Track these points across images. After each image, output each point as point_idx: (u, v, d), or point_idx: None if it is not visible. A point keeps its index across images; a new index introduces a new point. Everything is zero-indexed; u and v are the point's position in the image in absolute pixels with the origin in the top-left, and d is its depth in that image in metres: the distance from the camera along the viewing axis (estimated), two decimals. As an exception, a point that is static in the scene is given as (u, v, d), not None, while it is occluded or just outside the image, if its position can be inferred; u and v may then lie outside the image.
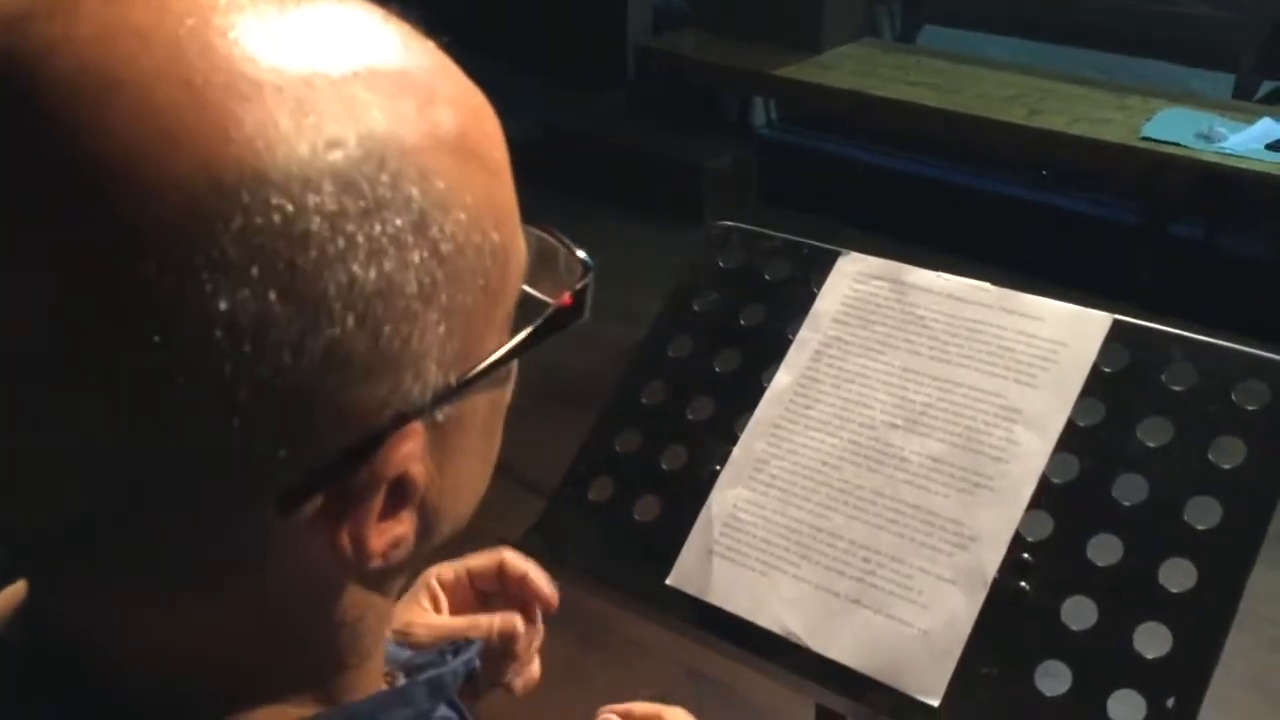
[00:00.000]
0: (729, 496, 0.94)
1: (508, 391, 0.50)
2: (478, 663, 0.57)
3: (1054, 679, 0.80)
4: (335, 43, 0.40)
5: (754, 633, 0.89)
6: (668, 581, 0.93)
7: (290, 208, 0.36)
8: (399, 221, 0.38)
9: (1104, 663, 0.79)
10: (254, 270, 0.35)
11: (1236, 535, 0.79)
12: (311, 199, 0.36)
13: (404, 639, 0.74)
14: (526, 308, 0.48)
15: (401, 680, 0.54)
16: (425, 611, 0.79)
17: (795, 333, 0.99)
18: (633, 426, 1.02)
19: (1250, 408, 0.82)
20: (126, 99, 0.35)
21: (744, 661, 0.90)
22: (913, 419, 0.91)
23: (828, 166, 4.14)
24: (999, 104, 3.37)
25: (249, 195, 0.35)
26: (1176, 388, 0.86)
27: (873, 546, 0.88)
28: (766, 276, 1.04)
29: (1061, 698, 0.79)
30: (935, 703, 0.81)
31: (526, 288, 0.47)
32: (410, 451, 0.41)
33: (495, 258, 0.43)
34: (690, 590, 0.92)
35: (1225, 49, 3.57)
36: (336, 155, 0.37)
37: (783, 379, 0.98)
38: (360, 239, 0.37)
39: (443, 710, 0.54)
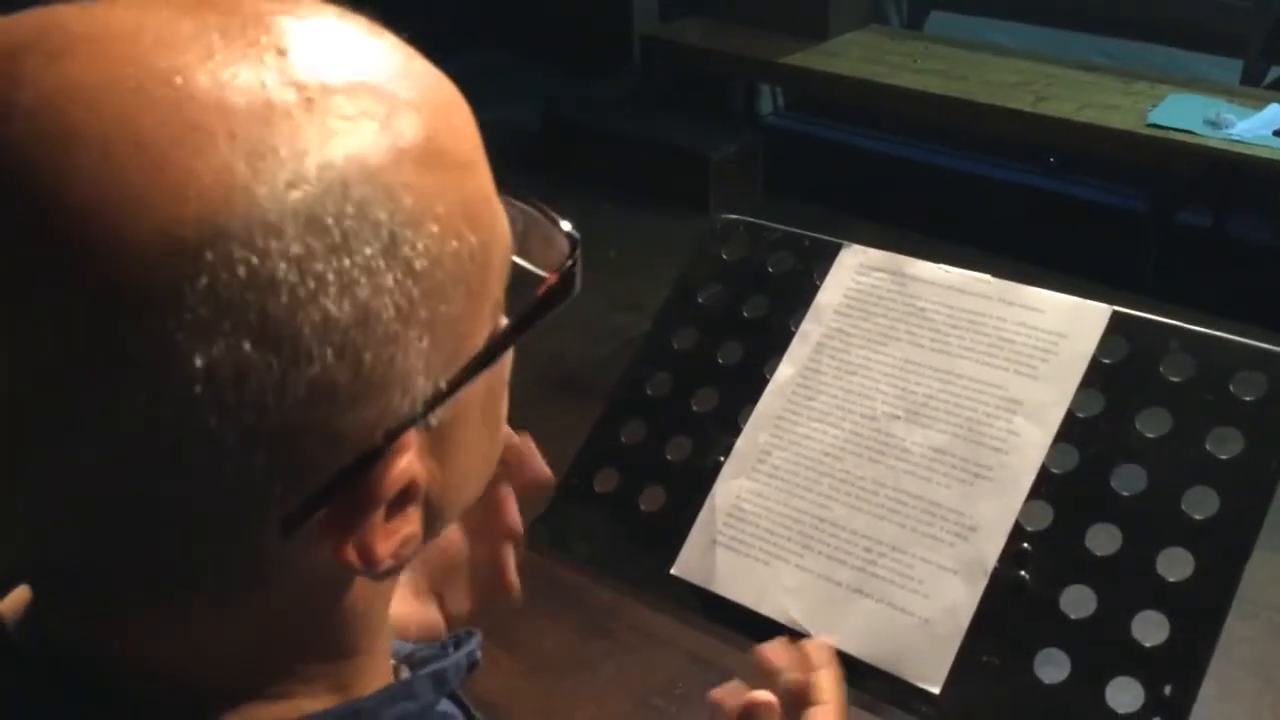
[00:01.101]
0: (732, 487, 0.95)
1: (505, 372, 0.50)
2: (479, 654, 0.57)
3: (1053, 667, 0.81)
4: (287, 70, 0.39)
5: (758, 621, 0.90)
6: (672, 571, 0.94)
7: (255, 259, 0.36)
8: (368, 250, 0.38)
9: (1103, 651, 0.80)
10: (225, 324, 0.35)
11: (1234, 525, 0.80)
12: (275, 245, 0.36)
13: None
14: (519, 285, 0.48)
15: (406, 674, 0.55)
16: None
17: (798, 325, 1.00)
18: (638, 418, 1.03)
19: (1248, 398, 0.83)
20: (79, 165, 0.35)
21: (748, 650, 0.92)
22: (914, 410, 0.92)
23: (834, 154, 4.14)
24: (1006, 91, 3.36)
25: (212, 253, 0.35)
26: (1175, 379, 0.86)
27: (874, 536, 0.89)
28: (769, 269, 1.05)
29: (1061, 685, 0.80)
30: (936, 690, 0.82)
31: (517, 259, 0.48)
32: (408, 461, 0.42)
33: (474, 259, 0.43)
34: (694, 580, 0.93)
35: (1233, 34, 3.56)
36: (297, 195, 0.37)
37: (785, 371, 0.99)
38: (330, 276, 0.37)
39: (444, 705, 0.55)
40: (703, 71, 4.09)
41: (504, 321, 0.47)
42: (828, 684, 0.76)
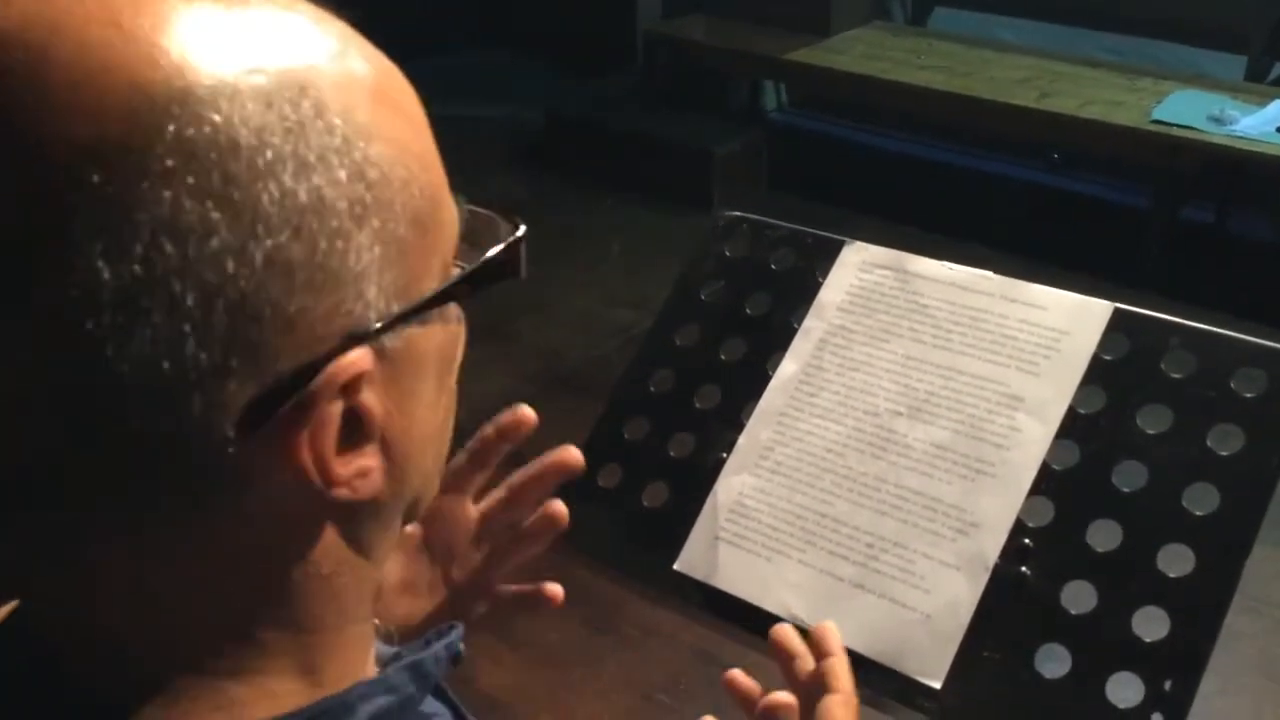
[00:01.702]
0: (735, 483, 0.96)
1: (457, 337, 0.51)
2: (461, 646, 0.57)
3: (1054, 662, 0.81)
4: (253, 6, 0.43)
5: (760, 616, 0.90)
6: (675, 566, 0.95)
7: (218, 119, 0.39)
8: (323, 141, 0.41)
9: (1103, 646, 0.80)
10: (190, 178, 0.38)
11: (1234, 521, 0.81)
12: (238, 112, 0.39)
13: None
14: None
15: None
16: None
17: (800, 321, 1.01)
18: (641, 414, 1.03)
19: (1248, 395, 0.84)
20: (66, 40, 0.39)
21: (750, 645, 0.92)
22: (916, 406, 0.93)
23: (837, 151, 4.14)
24: (1010, 87, 3.36)
25: (179, 108, 0.38)
26: (1176, 375, 0.87)
27: (876, 532, 0.89)
28: (772, 266, 1.05)
29: (1061, 680, 0.81)
30: (938, 685, 0.83)
31: (460, 264, 0.49)
32: (359, 374, 0.42)
33: (425, 195, 0.45)
34: (697, 575, 0.94)
35: (1237, 31, 3.55)
36: (259, 79, 0.40)
37: (788, 367, 0.99)
38: (287, 153, 0.40)
39: (431, 704, 0.54)
40: (706, 68, 4.09)
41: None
42: (843, 670, 0.77)
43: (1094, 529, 0.84)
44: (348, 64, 0.44)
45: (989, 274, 0.96)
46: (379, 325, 0.43)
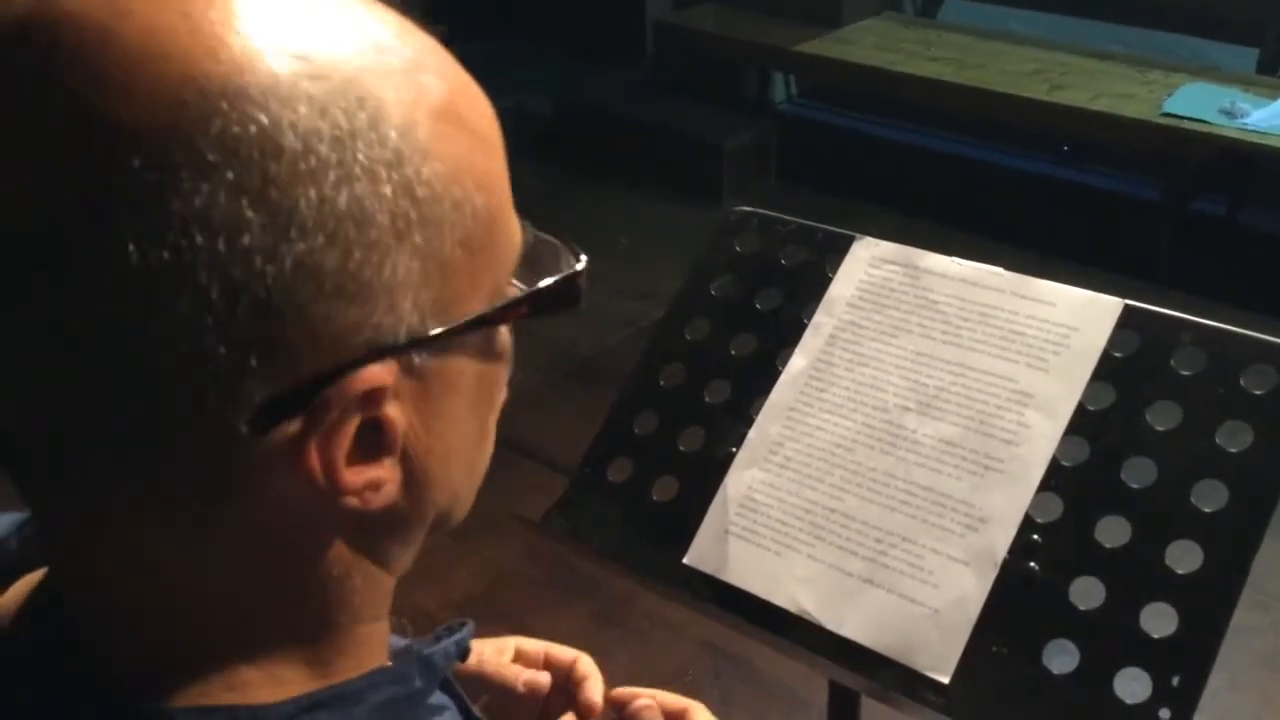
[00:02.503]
0: (745, 478, 0.96)
1: (500, 372, 0.51)
2: (470, 643, 0.57)
3: (1062, 657, 0.82)
4: (334, 9, 0.43)
5: (769, 611, 0.91)
6: (685, 561, 0.95)
7: (266, 120, 0.39)
8: (373, 153, 0.41)
9: (1111, 642, 0.81)
10: (229, 174, 0.38)
11: (1242, 518, 0.81)
12: (287, 116, 0.39)
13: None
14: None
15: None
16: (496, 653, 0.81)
17: (810, 317, 1.01)
18: (651, 408, 1.04)
19: (1257, 392, 0.84)
20: (133, 22, 0.39)
21: (759, 639, 0.93)
22: (925, 402, 0.93)
23: (847, 142, 4.13)
24: (1020, 79, 3.35)
25: (228, 104, 0.39)
26: (1185, 372, 0.87)
27: (885, 527, 0.90)
28: (782, 261, 1.05)
29: (1069, 676, 0.81)
30: (946, 680, 0.83)
31: (517, 283, 0.49)
32: (382, 386, 0.42)
33: (477, 218, 0.45)
34: (707, 569, 0.94)
35: (1249, 23, 3.54)
36: (318, 86, 0.40)
37: (798, 362, 0.99)
38: (333, 161, 0.40)
39: (438, 697, 0.54)
40: (716, 59, 4.09)
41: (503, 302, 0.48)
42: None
43: (1103, 525, 0.84)
44: (418, 78, 0.44)
45: (999, 270, 0.96)
46: (408, 341, 0.43)
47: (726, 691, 2.03)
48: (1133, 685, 0.79)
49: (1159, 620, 0.80)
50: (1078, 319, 0.91)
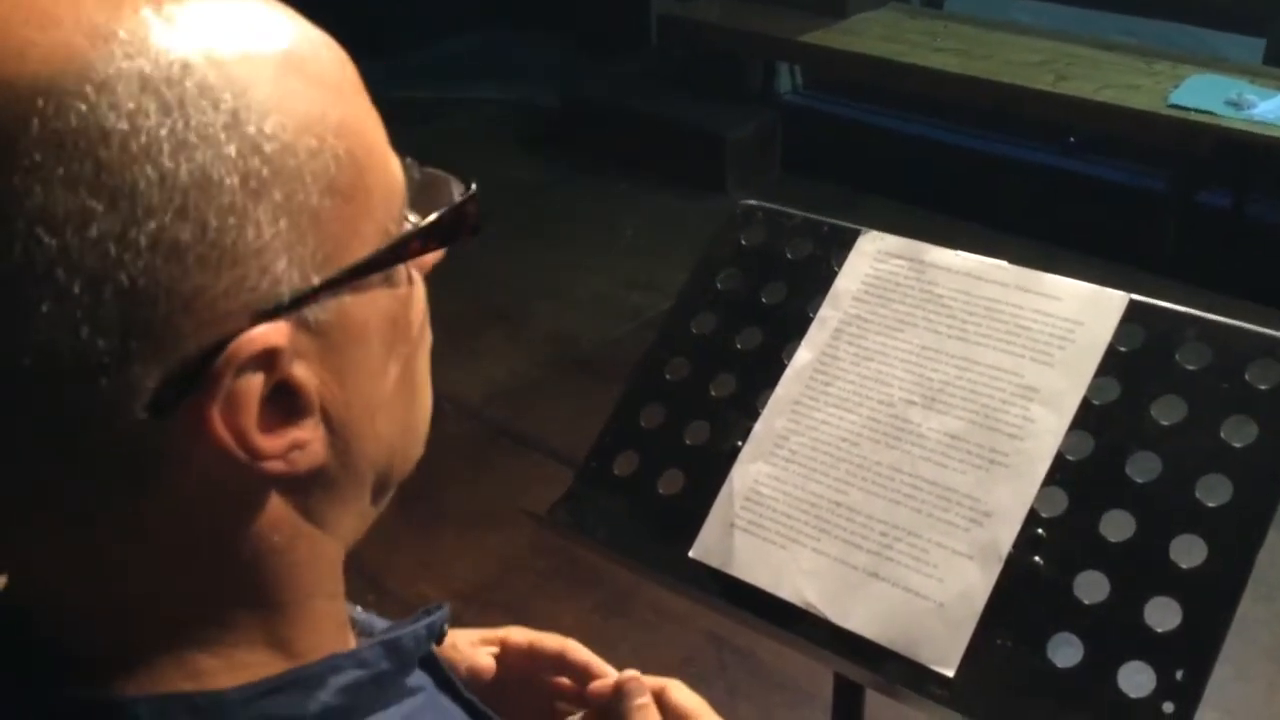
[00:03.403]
0: (750, 471, 0.96)
1: (410, 313, 0.50)
2: (445, 627, 0.57)
3: (1066, 651, 0.82)
4: None
5: (774, 604, 0.91)
6: (690, 554, 0.95)
7: (85, 108, 0.39)
8: (206, 119, 0.40)
9: (1115, 636, 0.81)
10: (60, 169, 0.38)
11: (1247, 512, 0.81)
12: (106, 99, 0.39)
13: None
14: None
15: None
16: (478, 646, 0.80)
17: (816, 310, 1.01)
18: (657, 402, 1.04)
19: (1262, 387, 0.84)
20: None
21: (765, 632, 0.93)
22: (931, 396, 0.93)
23: (852, 134, 4.13)
24: (1026, 70, 3.34)
25: (44, 100, 0.38)
26: (1190, 367, 0.87)
27: (890, 521, 0.90)
28: (788, 255, 1.06)
29: (1073, 669, 0.81)
30: (950, 673, 0.84)
31: (411, 215, 0.49)
32: (275, 347, 0.42)
33: (341, 165, 0.44)
34: (712, 563, 0.95)
35: (1256, 13, 3.53)
36: (133, 64, 0.40)
37: (803, 356, 1.00)
38: (163, 134, 0.39)
39: (419, 677, 0.54)
40: (720, 50, 4.08)
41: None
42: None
43: (1107, 519, 0.84)
44: (250, 40, 0.43)
45: (1004, 264, 0.96)
46: (292, 298, 0.43)
47: (731, 684, 2.03)
48: (1137, 679, 0.79)
49: (1163, 614, 0.80)
50: (1083, 313, 0.92)
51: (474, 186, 0.51)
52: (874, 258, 1.01)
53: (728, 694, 1.97)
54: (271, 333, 0.42)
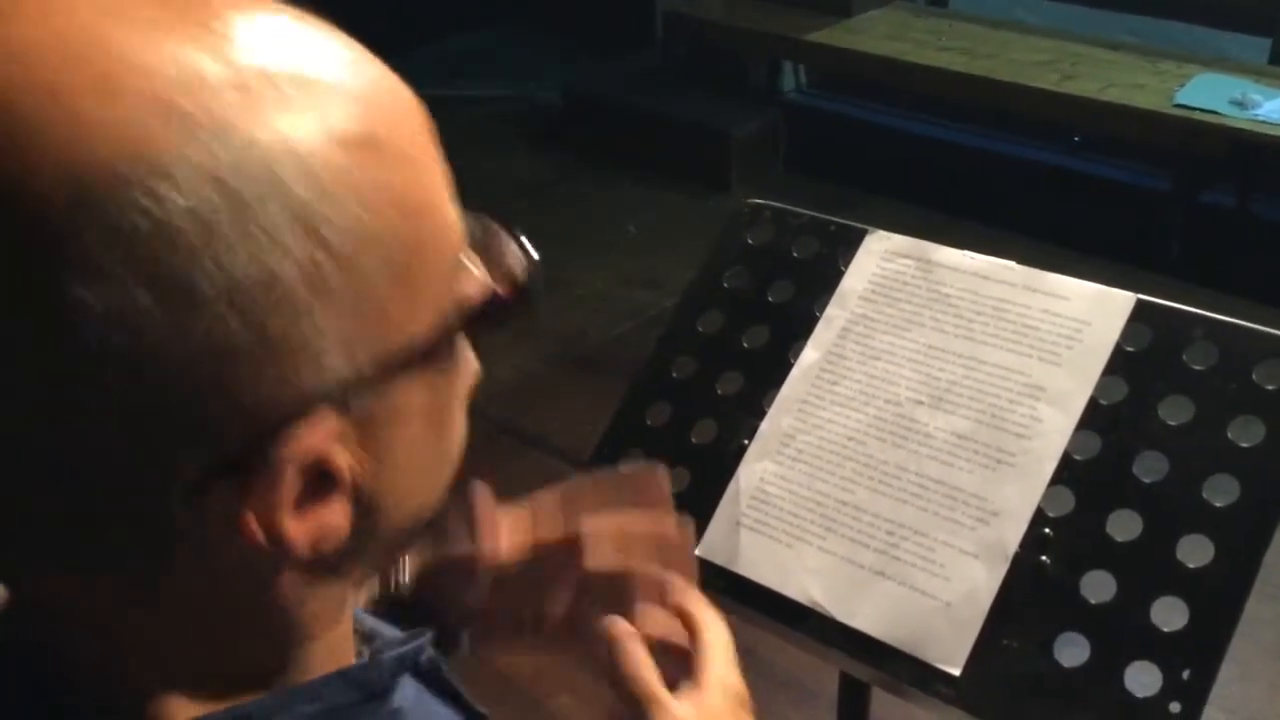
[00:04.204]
0: (756, 470, 0.97)
1: (457, 381, 0.48)
2: (426, 654, 0.55)
3: (1073, 650, 0.82)
4: (226, 50, 0.40)
5: (780, 602, 0.91)
6: (696, 552, 0.95)
7: (152, 207, 0.36)
8: (274, 214, 0.38)
9: (1122, 635, 0.81)
10: (119, 268, 0.36)
11: (1254, 512, 0.81)
12: (175, 197, 0.37)
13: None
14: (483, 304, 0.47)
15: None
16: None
17: (823, 310, 1.01)
18: (663, 400, 1.04)
19: (1269, 387, 0.84)
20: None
21: (770, 630, 0.93)
22: (938, 396, 0.93)
23: (856, 132, 4.12)
24: (1031, 69, 3.34)
25: (109, 197, 0.36)
26: (1197, 367, 0.87)
27: (897, 520, 0.90)
28: (795, 254, 1.06)
29: (1080, 668, 0.81)
30: (957, 672, 0.84)
31: (467, 262, 0.47)
32: (320, 439, 0.41)
33: (405, 245, 0.42)
34: (719, 561, 0.95)
35: (1262, 13, 3.52)
36: (206, 156, 0.37)
37: (810, 355, 1.00)
38: (229, 232, 0.37)
39: (404, 694, 0.52)
40: (725, 48, 4.08)
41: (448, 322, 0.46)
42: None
43: (1114, 519, 0.85)
44: (328, 114, 0.41)
45: (1011, 264, 0.96)
46: (340, 389, 0.41)
47: (734, 681, 2.03)
48: (1143, 678, 0.79)
49: (1170, 614, 0.80)
50: (1090, 313, 0.92)
51: (535, 256, 0.48)
52: (881, 257, 1.01)
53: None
54: (317, 433, 0.41)
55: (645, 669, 0.68)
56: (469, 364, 0.49)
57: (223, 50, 0.40)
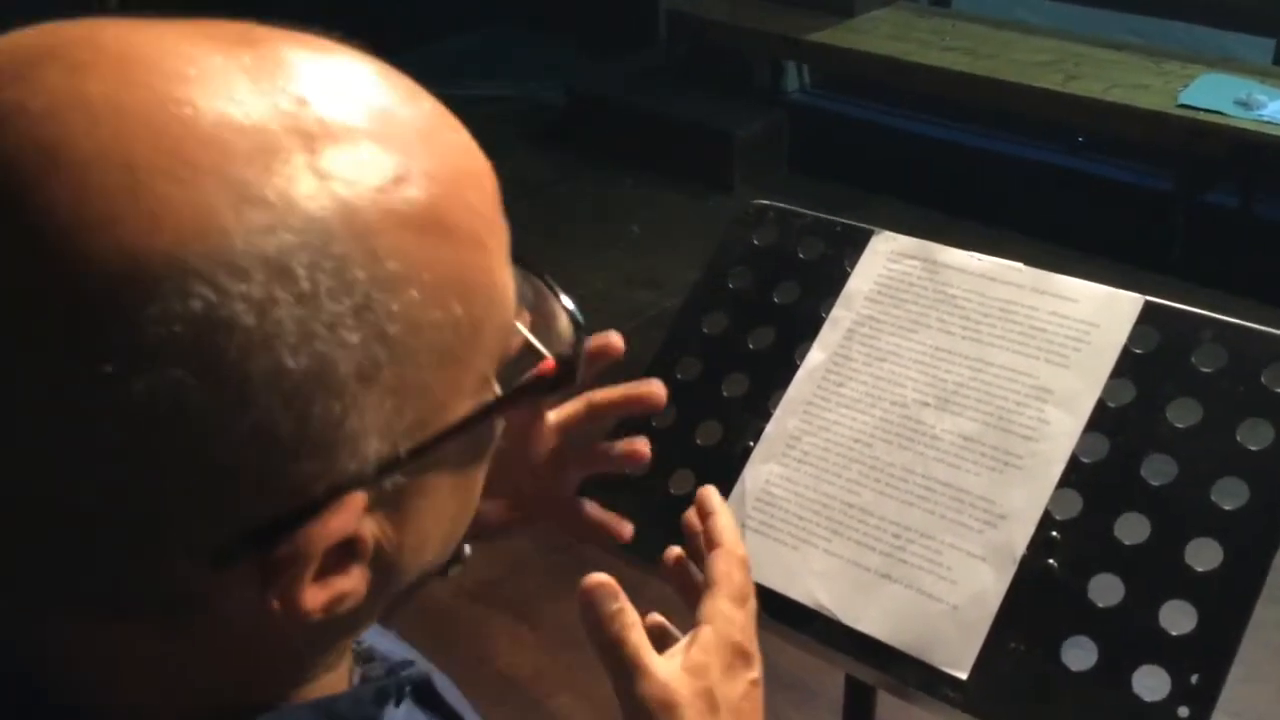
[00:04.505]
0: (762, 472, 0.96)
1: (486, 446, 0.48)
2: (391, 690, 0.54)
3: (1080, 655, 0.81)
4: (301, 119, 0.38)
5: (786, 605, 0.91)
6: (701, 554, 0.95)
7: (213, 297, 0.35)
8: (337, 307, 0.37)
9: (1130, 639, 0.81)
10: (171, 356, 0.35)
11: (1262, 515, 0.80)
12: (238, 287, 0.35)
13: None
14: (521, 362, 0.46)
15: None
16: None
17: (828, 311, 1.01)
18: (668, 402, 1.03)
19: (1279, 390, 0.83)
20: (63, 179, 0.35)
21: (775, 632, 0.93)
22: (944, 398, 0.93)
23: (860, 132, 4.12)
24: (1034, 69, 3.34)
25: (169, 283, 0.35)
26: (1206, 369, 0.87)
27: (903, 523, 0.90)
28: (800, 254, 1.05)
29: (1087, 672, 0.81)
30: (964, 676, 0.83)
31: (521, 328, 0.46)
32: (351, 519, 0.40)
33: (458, 331, 0.41)
34: (723, 563, 0.94)
35: (1267, 13, 3.51)
36: (273, 242, 0.36)
37: (816, 357, 0.99)
38: (290, 325, 0.36)
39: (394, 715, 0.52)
40: (728, 48, 4.08)
41: (491, 396, 0.45)
42: (724, 525, 0.74)
43: (1122, 522, 0.84)
44: (399, 193, 0.39)
45: (1019, 265, 0.96)
46: (376, 471, 0.40)
47: (737, 682, 2.02)
48: (1151, 683, 0.79)
49: (1178, 618, 0.80)
50: (1098, 315, 0.91)
51: (582, 320, 0.47)
52: (887, 258, 1.01)
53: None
54: (348, 514, 0.40)
55: (627, 629, 0.65)
56: (497, 426, 0.48)
57: (298, 117, 0.38)
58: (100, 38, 0.38)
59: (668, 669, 0.64)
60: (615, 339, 0.78)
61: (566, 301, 0.48)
